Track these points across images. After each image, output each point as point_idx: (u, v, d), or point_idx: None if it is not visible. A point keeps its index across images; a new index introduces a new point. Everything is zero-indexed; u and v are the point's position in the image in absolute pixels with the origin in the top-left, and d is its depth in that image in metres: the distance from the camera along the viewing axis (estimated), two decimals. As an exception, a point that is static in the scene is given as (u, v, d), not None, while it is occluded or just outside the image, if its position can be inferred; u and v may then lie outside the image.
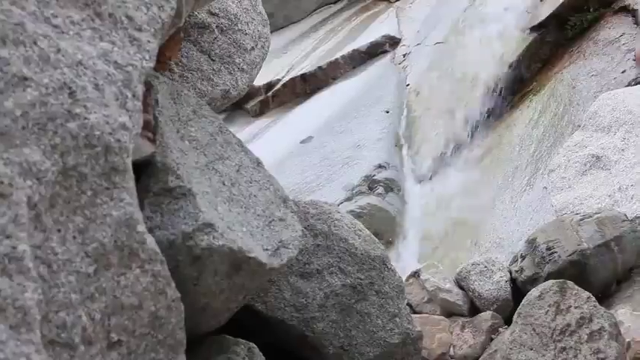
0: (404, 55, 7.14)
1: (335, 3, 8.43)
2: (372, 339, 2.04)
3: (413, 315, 2.41)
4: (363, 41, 7.35)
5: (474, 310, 2.60)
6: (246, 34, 2.35)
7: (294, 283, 2.03)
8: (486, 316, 2.40)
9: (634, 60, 5.84)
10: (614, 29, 6.00)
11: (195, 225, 1.48)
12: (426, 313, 2.56)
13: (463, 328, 2.39)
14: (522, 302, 2.17)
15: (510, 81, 6.28)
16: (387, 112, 6.43)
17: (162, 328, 1.46)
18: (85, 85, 1.31)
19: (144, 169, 1.57)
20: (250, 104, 7.82)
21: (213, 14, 2.33)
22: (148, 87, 1.70)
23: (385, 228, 5.94)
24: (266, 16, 2.44)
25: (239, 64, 2.31)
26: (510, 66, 6.29)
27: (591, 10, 6.15)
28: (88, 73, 1.33)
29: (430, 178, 6.02)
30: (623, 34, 5.85)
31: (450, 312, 2.61)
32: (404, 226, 5.81)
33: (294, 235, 1.71)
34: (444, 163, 6.02)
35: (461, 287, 2.67)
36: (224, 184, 1.64)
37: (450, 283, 2.64)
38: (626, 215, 2.69)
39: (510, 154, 5.79)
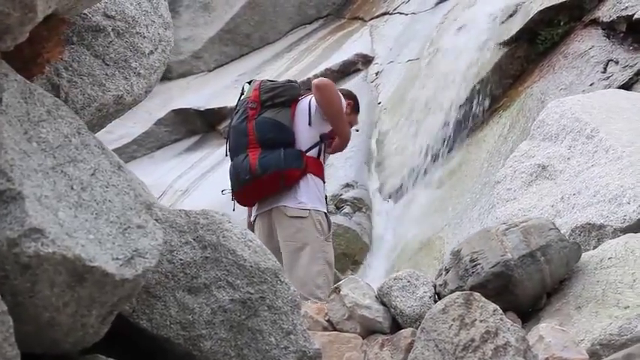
0: (376, 74, 7.05)
1: (310, 23, 8.35)
2: (265, 358, 1.90)
3: (321, 332, 2.26)
4: (335, 60, 7.26)
5: (397, 327, 2.45)
6: (144, 37, 2.23)
7: (181, 298, 1.89)
8: (406, 334, 2.26)
9: (602, 72, 5.73)
10: (583, 42, 5.90)
11: (21, 230, 1.35)
12: (347, 330, 2.41)
13: (382, 346, 2.24)
14: (425, 316, 2.03)
15: (481, 97, 6.18)
16: (357, 130, 6.32)
17: (-16, 344, 1.33)
18: None
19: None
20: (223, 125, 7.69)
21: (109, 17, 2.21)
22: (-5, 85, 1.58)
23: (352, 247, 5.84)
24: (169, 18, 2.32)
25: (135, 68, 2.19)
26: (481, 82, 6.20)
27: (562, 23, 6.06)
28: None
29: (398, 196, 5.90)
30: (593, 46, 5.75)
31: (370, 329, 2.46)
32: (371, 245, 5.69)
33: (153, 243, 1.58)
34: (412, 181, 5.90)
35: (383, 303, 2.52)
36: (72, 189, 1.51)
37: (370, 299, 2.49)
38: (553, 223, 2.54)
39: (479, 170, 5.68)
